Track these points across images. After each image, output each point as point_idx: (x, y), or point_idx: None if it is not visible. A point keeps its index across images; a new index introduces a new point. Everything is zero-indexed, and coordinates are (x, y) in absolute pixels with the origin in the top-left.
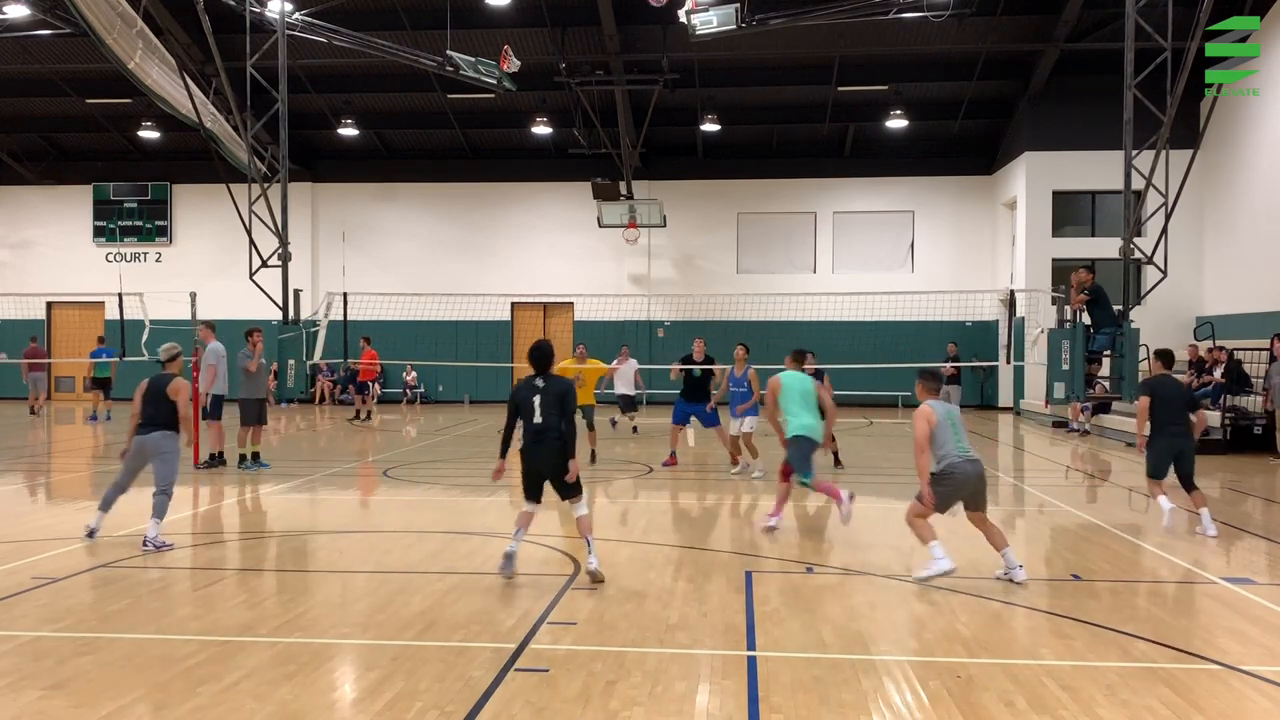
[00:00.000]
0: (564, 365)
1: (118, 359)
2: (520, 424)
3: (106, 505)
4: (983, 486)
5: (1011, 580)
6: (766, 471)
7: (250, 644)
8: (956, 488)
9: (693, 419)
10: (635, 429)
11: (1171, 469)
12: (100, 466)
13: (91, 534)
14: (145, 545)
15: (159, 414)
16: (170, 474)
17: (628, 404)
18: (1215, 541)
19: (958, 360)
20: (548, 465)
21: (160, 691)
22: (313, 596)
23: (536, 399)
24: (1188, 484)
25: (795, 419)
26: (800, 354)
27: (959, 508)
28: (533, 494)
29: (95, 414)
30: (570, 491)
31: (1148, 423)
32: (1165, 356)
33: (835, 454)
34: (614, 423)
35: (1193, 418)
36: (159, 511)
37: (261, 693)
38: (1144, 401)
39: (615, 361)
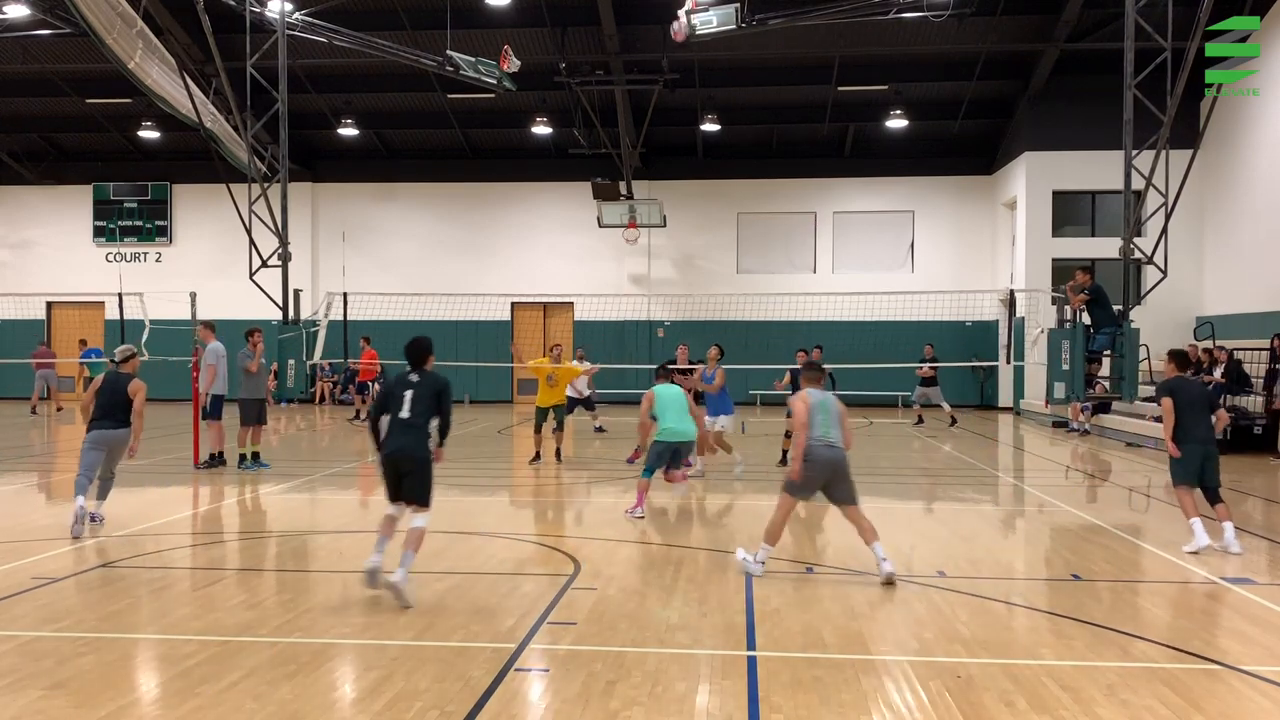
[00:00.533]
0: (538, 363)
1: (109, 359)
2: (388, 419)
3: (81, 490)
4: (842, 474)
5: (887, 579)
6: (746, 468)
7: (250, 644)
8: (815, 470)
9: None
10: (600, 429)
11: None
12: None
13: (93, 518)
14: (92, 519)
15: (117, 410)
16: (116, 463)
17: (588, 405)
18: (1215, 541)
19: (935, 361)
20: (405, 463)
21: (160, 691)
22: (313, 596)
23: (408, 394)
24: (1213, 495)
25: (663, 423)
26: (812, 368)
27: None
28: (394, 494)
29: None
30: (418, 495)
31: (1175, 427)
32: (1180, 357)
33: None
34: (600, 429)
35: (1213, 419)
36: (105, 494)
37: (261, 693)
38: (1168, 403)
39: (583, 364)
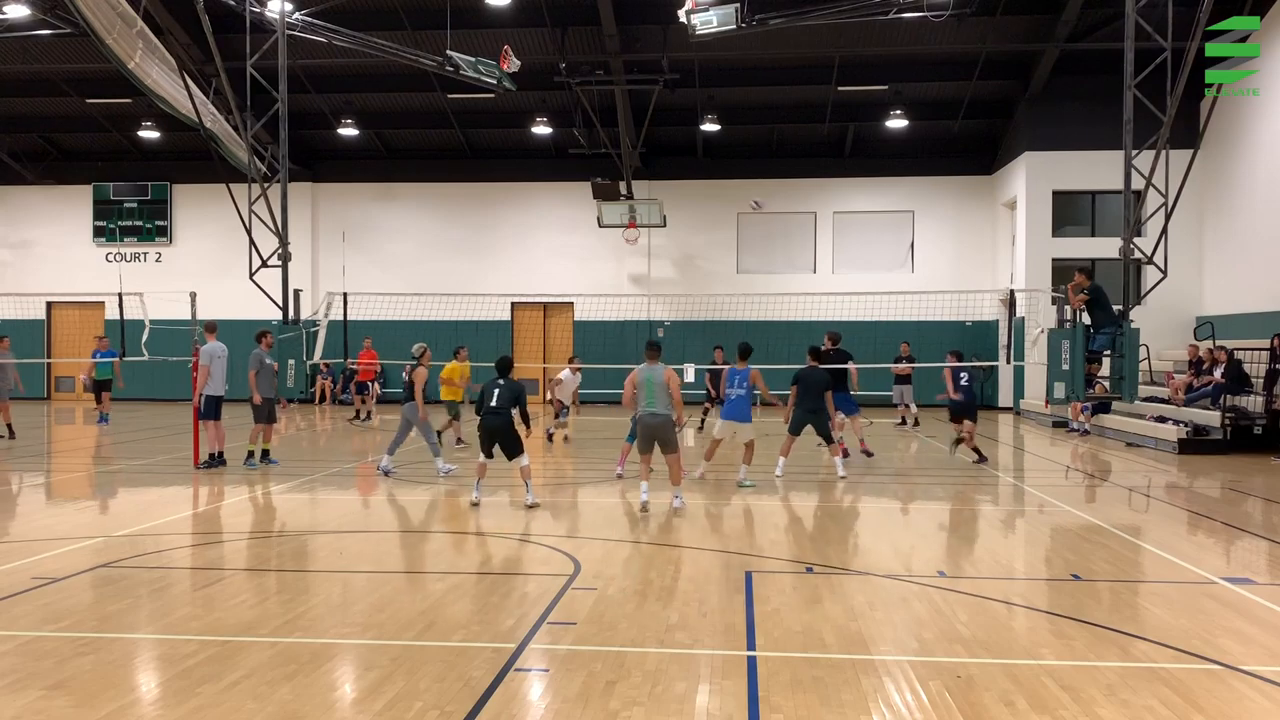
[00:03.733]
0: (451, 365)
1: (117, 359)
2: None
3: None
4: (662, 434)
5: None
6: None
7: (250, 644)
8: (643, 430)
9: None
10: (566, 439)
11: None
12: (99, 466)
13: None
14: None
15: None
16: None
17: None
18: (1215, 541)
19: (912, 360)
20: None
21: (160, 691)
22: (313, 596)
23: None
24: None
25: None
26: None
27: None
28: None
29: (102, 417)
30: (512, 449)
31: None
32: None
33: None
34: (560, 436)
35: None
36: None
37: (261, 693)
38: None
39: (565, 372)
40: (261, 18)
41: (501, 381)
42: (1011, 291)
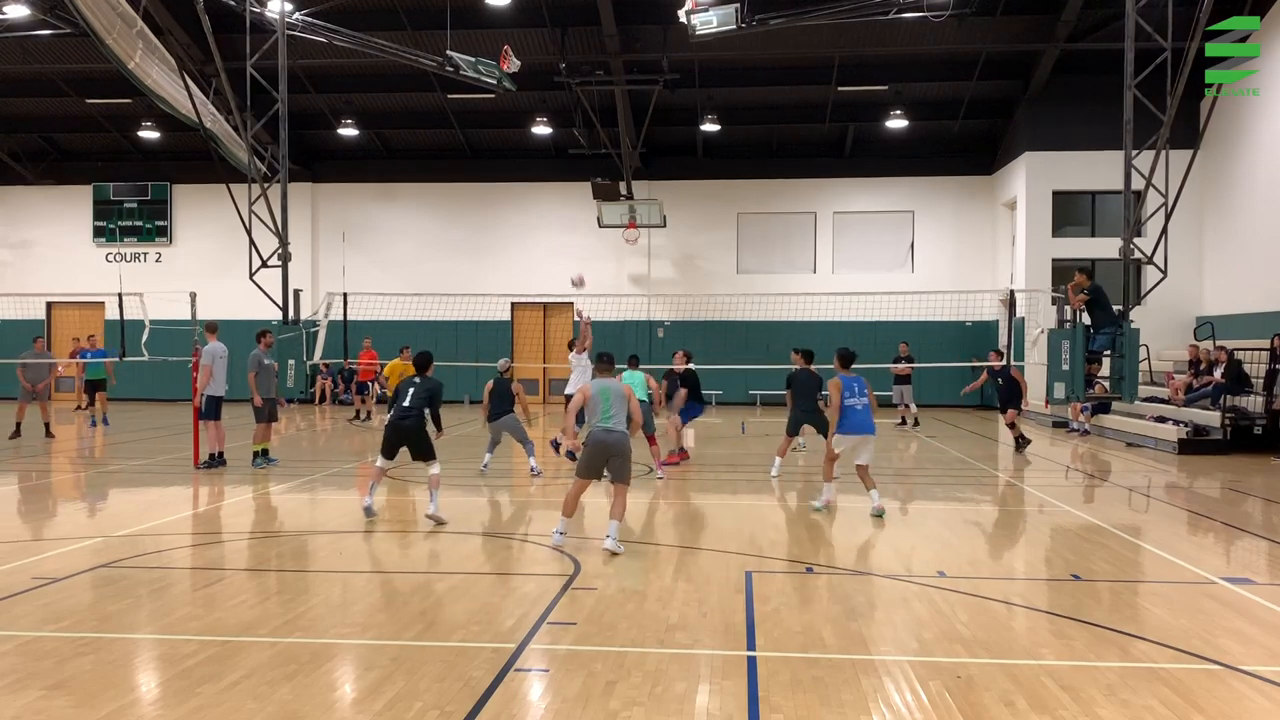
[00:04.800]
0: (393, 363)
1: (116, 359)
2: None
3: None
4: (616, 454)
5: (609, 550)
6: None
7: (250, 644)
8: (592, 451)
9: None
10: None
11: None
12: (100, 466)
13: None
14: None
15: None
16: None
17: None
18: (1215, 541)
19: (911, 360)
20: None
21: (160, 691)
22: (313, 596)
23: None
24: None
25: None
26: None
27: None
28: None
29: (94, 419)
30: (424, 453)
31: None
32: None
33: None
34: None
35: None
36: None
37: (261, 693)
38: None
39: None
40: (261, 18)
41: (418, 379)
42: (1011, 292)
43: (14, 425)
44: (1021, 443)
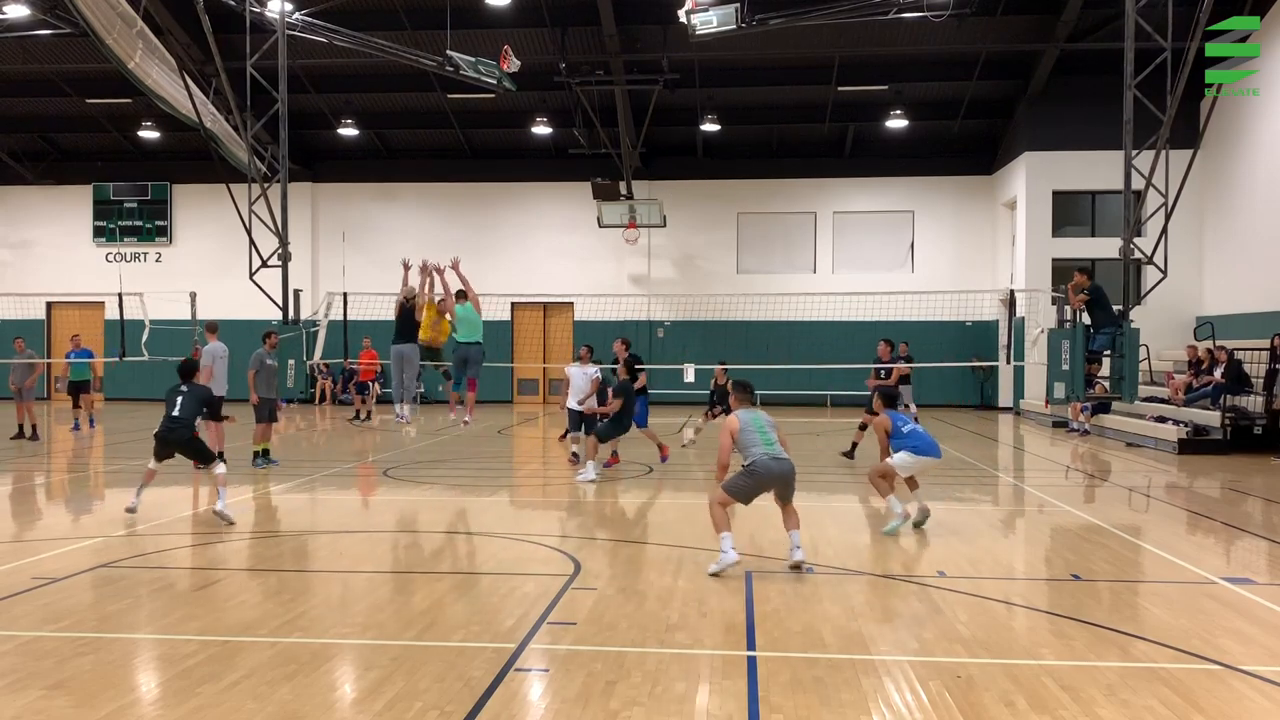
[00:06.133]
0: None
1: (110, 359)
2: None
3: None
4: (790, 481)
5: (798, 565)
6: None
7: (250, 644)
8: (764, 479)
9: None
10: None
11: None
12: (99, 466)
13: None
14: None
15: None
16: None
17: (575, 423)
18: (1215, 541)
19: (910, 360)
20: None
21: (160, 691)
22: (313, 596)
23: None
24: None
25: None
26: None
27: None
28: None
29: (77, 423)
30: (201, 458)
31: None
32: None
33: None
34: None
35: None
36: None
37: (261, 693)
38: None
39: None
40: (261, 18)
41: (184, 388)
42: (1011, 291)
43: (16, 427)
44: (853, 451)
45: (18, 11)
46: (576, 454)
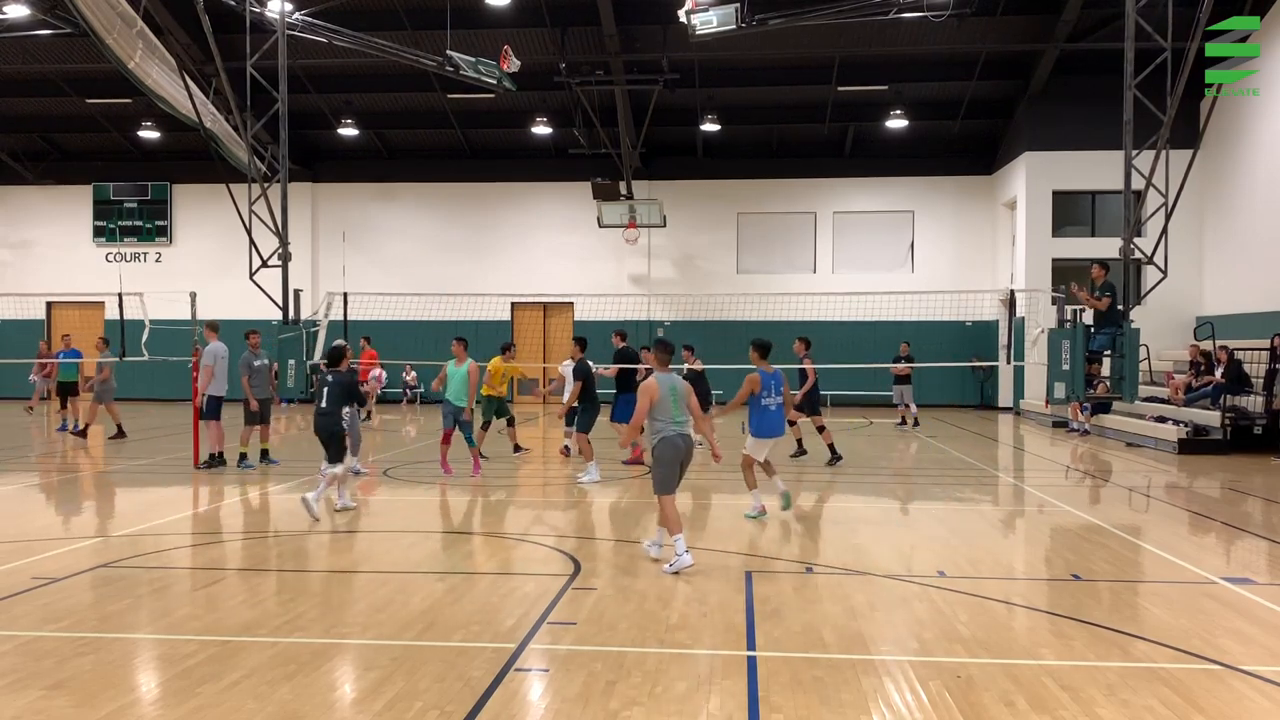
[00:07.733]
0: (494, 361)
1: (107, 360)
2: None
3: None
4: (689, 459)
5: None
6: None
7: (250, 644)
8: (676, 457)
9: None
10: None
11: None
12: (98, 466)
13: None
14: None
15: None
16: None
17: (569, 419)
18: (1215, 541)
19: (911, 360)
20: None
21: (160, 691)
22: (313, 596)
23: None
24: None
25: None
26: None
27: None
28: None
29: (65, 423)
30: (330, 455)
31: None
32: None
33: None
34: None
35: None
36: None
37: (261, 693)
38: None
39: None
40: (261, 18)
41: (330, 378)
42: (1011, 291)
43: (115, 427)
44: (813, 451)
45: (18, 11)
46: (568, 447)
